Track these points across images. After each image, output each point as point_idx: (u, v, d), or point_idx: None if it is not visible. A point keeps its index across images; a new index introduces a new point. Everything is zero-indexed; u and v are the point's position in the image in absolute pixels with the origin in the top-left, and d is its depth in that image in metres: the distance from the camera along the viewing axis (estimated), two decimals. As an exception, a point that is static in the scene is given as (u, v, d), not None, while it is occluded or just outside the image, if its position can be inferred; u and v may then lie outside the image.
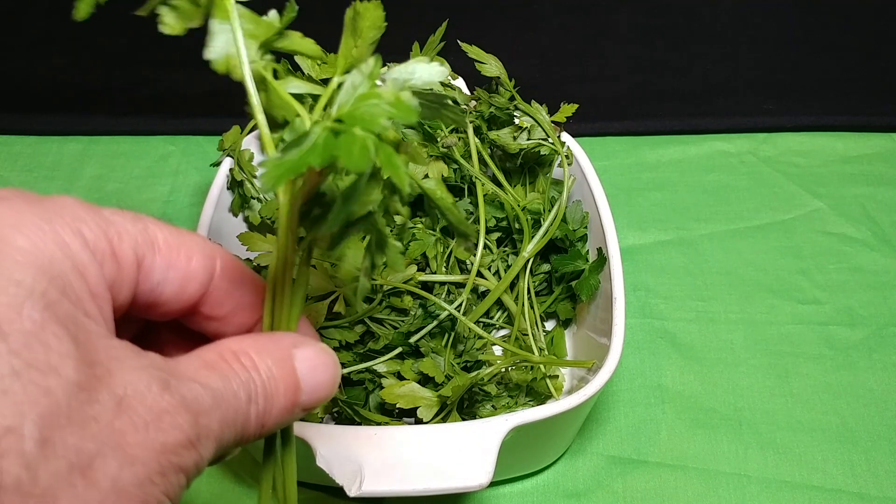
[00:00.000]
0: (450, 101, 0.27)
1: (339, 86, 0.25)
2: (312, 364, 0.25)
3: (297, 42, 0.27)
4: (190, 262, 0.24)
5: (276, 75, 0.26)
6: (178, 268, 0.24)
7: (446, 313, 0.48)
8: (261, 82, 0.26)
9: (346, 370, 0.47)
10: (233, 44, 0.25)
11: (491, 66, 0.50)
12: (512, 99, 0.51)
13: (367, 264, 0.26)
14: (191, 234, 0.25)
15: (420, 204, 0.54)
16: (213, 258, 0.25)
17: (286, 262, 0.25)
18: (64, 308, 0.19)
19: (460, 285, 0.50)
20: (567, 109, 0.51)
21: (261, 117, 0.25)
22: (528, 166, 0.53)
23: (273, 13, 0.26)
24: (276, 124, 0.26)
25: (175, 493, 0.20)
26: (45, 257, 0.20)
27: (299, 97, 0.26)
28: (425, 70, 0.24)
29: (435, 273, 0.50)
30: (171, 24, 0.26)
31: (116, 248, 0.22)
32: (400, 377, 0.47)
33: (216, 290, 0.25)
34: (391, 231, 0.52)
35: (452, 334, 0.48)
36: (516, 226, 0.52)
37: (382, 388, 0.45)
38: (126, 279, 0.22)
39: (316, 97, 0.26)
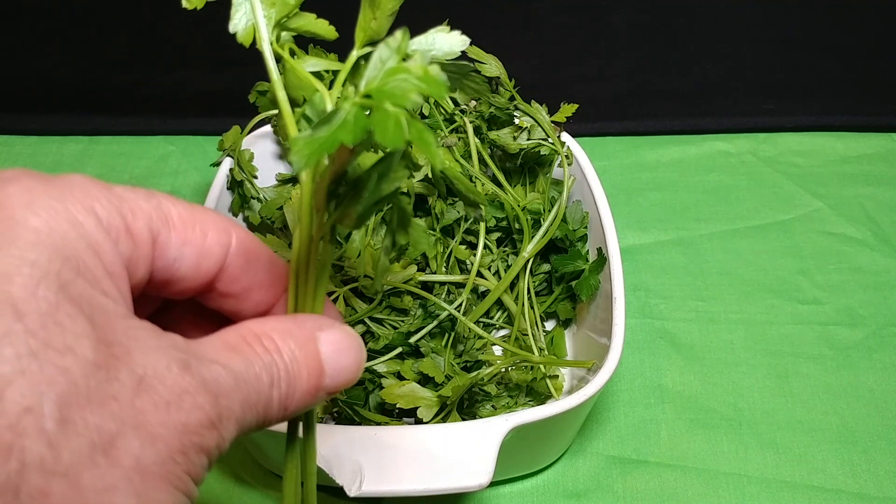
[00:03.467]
0: (471, 71, 0.26)
1: (359, 60, 0.25)
2: (337, 347, 0.24)
3: (312, 22, 0.26)
4: (205, 237, 0.24)
5: (292, 54, 0.26)
6: (193, 244, 0.24)
7: (446, 313, 0.48)
8: (278, 61, 0.25)
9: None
10: (254, 16, 0.25)
11: (491, 66, 0.50)
12: (512, 99, 0.51)
13: (387, 243, 0.26)
14: (205, 210, 0.25)
15: (421, 204, 0.54)
16: (229, 233, 0.25)
17: (310, 242, 0.25)
18: (79, 288, 0.19)
19: (460, 285, 0.50)
20: (567, 109, 0.51)
21: (281, 94, 0.25)
22: (528, 166, 0.53)
23: None
24: (293, 104, 0.26)
25: (197, 473, 0.20)
26: (58, 237, 0.19)
27: (317, 75, 0.26)
28: (446, 40, 0.24)
29: (435, 273, 0.50)
30: None
31: (131, 224, 0.22)
32: (400, 377, 0.47)
33: (231, 266, 0.25)
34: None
35: (452, 334, 0.48)
36: (516, 226, 0.52)
37: (382, 388, 0.45)
38: (142, 256, 0.22)
39: (334, 74, 0.25)
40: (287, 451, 0.27)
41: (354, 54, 0.25)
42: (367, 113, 0.21)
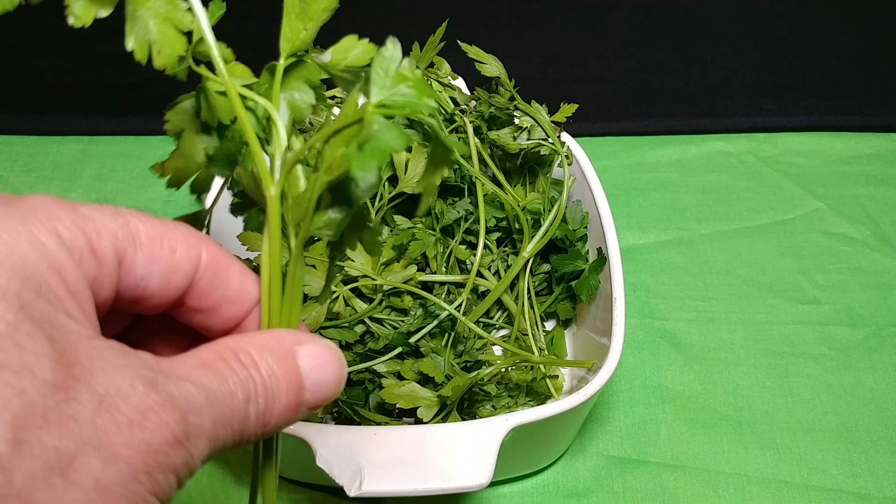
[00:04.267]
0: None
1: (287, 69, 0.26)
2: (317, 362, 0.24)
3: (210, 46, 0.27)
4: (174, 254, 0.24)
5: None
6: (161, 260, 0.24)
7: (446, 313, 0.48)
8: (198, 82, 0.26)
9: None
10: (150, 31, 0.25)
11: (491, 66, 0.50)
12: (512, 99, 0.51)
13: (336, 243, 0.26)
14: (175, 225, 0.24)
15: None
16: (199, 249, 0.25)
17: (280, 256, 0.25)
18: (39, 308, 0.19)
19: (460, 285, 0.50)
20: (567, 109, 0.51)
21: (240, 108, 0.25)
22: (528, 166, 0.53)
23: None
24: (208, 128, 0.26)
25: (164, 492, 0.20)
26: (19, 258, 0.19)
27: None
28: (357, 49, 0.25)
29: (435, 273, 0.50)
30: (78, 14, 0.26)
31: (95, 244, 0.22)
32: (400, 377, 0.47)
33: (201, 281, 0.25)
34: (391, 231, 0.52)
35: (452, 334, 0.48)
36: (516, 226, 0.52)
37: (382, 388, 0.45)
38: (107, 275, 0.22)
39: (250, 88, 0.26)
40: (263, 468, 0.26)
41: (282, 65, 0.26)
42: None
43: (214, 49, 0.25)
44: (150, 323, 0.28)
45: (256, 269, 0.26)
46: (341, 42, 0.26)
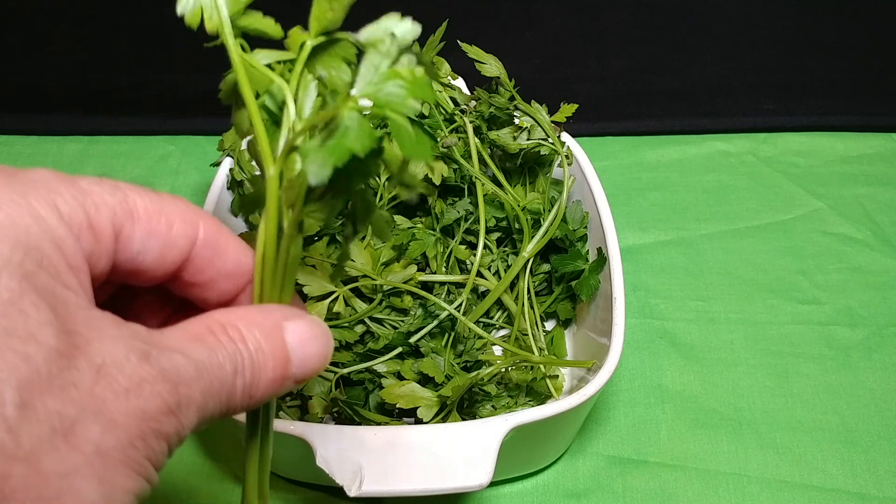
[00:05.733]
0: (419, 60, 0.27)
1: (314, 49, 0.25)
2: (303, 337, 0.25)
3: (259, 20, 0.27)
4: (171, 229, 0.24)
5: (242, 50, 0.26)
6: (158, 236, 0.24)
7: (446, 313, 0.48)
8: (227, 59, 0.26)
9: (346, 370, 0.47)
10: (215, 6, 0.25)
11: (491, 66, 0.50)
12: (512, 99, 0.51)
13: (348, 231, 0.26)
14: (173, 200, 0.25)
15: (420, 204, 0.54)
16: (196, 225, 0.25)
17: (277, 235, 0.25)
18: (41, 279, 0.20)
19: (460, 285, 0.50)
20: (567, 109, 0.51)
21: (243, 78, 0.25)
22: (528, 166, 0.53)
23: None
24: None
25: (157, 458, 0.21)
26: (20, 230, 0.20)
27: (269, 67, 0.26)
28: (398, 28, 0.24)
29: (435, 273, 0.50)
30: None
31: (93, 219, 0.22)
32: (400, 377, 0.47)
33: (198, 257, 0.25)
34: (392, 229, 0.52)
35: (452, 334, 0.48)
36: (516, 226, 0.52)
37: (382, 388, 0.45)
38: (104, 250, 0.22)
39: (286, 64, 0.26)
40: (248, 444, 0.27)
41: (309, 43, 0.25)
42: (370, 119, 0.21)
43: (226, 25, 0.25)
44: (143, 294, 0.28)
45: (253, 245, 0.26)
46: (378, 21, 0.25)
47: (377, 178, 0.52)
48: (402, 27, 0.24)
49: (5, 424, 0.18)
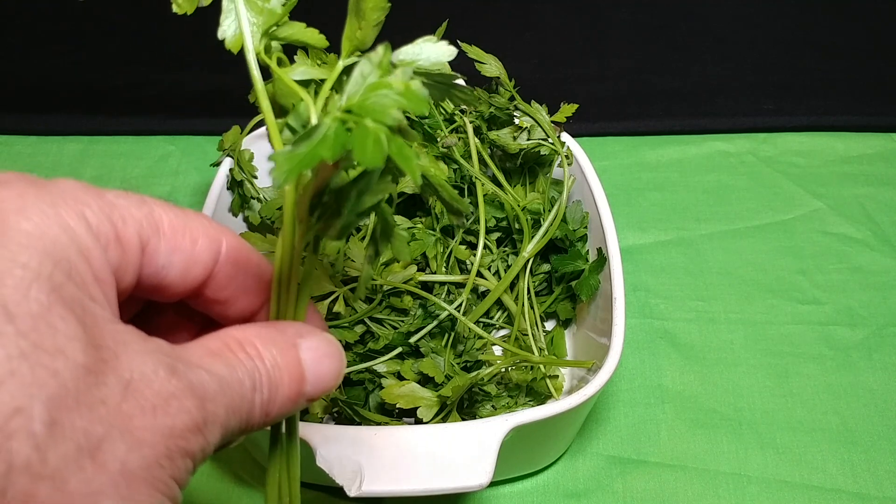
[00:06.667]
0: (460, 81, 0.26)
1: (345, 70, 0.25)
2: (317, 354, 0.25)
3: (301, 31, 0.27)
4: (195, 245, 0.24)
5: (280, 63, 0.26)
6: (182, 251, 0.24)
7: (446, 313, 0.48)
8: (266, 70, 0.25)
9: (346, 370, 0.47)
10: (239, 25, 0.25)
11: (491, 66, 0.50)
12: (512, 99, 0.51)
13: (370, 252, 0.26)
14: (197, 216, 0.25)
15: (420, 204, 0.54)
16: (219, 241, 0.25)
17: (293, 252, 0.25)
18: (69, 291, 0.19)
19: (460, 285, 0.50)
20: (567, 109, 0.51)
21: (265, 103, 0.25)
22: (528, 166, 0.53)
23: (275, 1, 0.26)
24: (282, 113, 0.26)
25: (182, 477, 0.20)
26: (49, 241, 0.20)
27: (305, 83, 0.26)
28: (433, 50, 0.24)
29: (435, 273, 0.50)
30: (181, 2, 0.26)
31: (121, 232, 0.22)
32: (400, 377, 0.47)
33: (220, 273, 0.25)
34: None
35: (452, 334, 0.48)
36: (516, 226, 0.52)
37: (382, 388, 0.45)
38: (130, 263, 0.22)
39: (321, 83, 0.25)
40: (270, 455, 0.27)
41: (340, 64, 0.25)
42: (347, 128, 0.21)
43: (249, 40, 0.25)
44: (163, 310, 0.28)
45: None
46: (415, 43, 0.25)
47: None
48: (437, 49, 0.24)
49: (33, 441, 0.17)
